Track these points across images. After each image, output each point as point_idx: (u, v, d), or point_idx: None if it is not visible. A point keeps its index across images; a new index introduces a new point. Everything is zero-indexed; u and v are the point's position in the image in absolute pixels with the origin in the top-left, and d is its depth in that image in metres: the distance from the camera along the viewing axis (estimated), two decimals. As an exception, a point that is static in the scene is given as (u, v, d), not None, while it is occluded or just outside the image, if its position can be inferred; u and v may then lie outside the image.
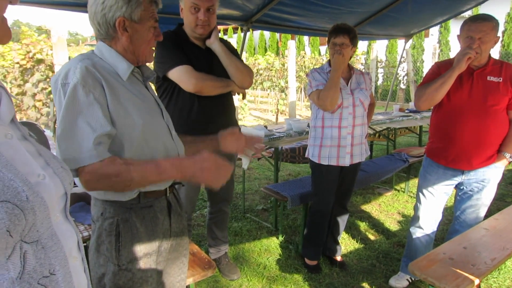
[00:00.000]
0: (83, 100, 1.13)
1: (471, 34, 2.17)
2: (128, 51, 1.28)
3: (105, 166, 1.12)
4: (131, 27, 1.24)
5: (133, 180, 1.14)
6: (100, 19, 1.22)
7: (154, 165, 1.17)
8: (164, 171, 1.17)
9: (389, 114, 5.52)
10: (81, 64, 1.16)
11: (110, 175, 1.12)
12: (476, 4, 4.85)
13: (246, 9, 3.78)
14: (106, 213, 1.27)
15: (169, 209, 1.40)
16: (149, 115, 1.29)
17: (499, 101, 2.22)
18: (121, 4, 1.20)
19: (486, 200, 2.44)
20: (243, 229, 3.62)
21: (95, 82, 1.16)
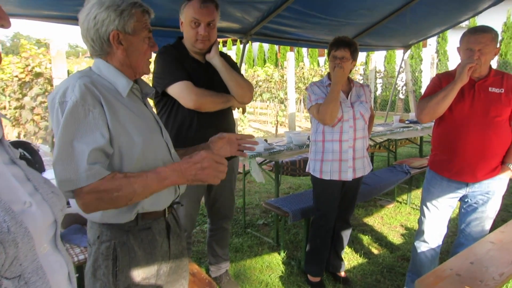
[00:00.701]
0: (81, 119, 1.09)
1: (471, 46, 2.15)
2: (125, 65, 1.25)
3: (106, 182, 1.08)
4: (126, 40, 1.21)
5: (135, 192, 1.11)
6: (93, 35, 1.19)
7: (155, 173, 1.14)
8: (165, 177, 1.14)
9: (389, 125, 5.49)
10: (80, 81, 1.13)
11: (111, 190, 1.08)
12: (473, 15, 4.87)
13: (245, 22, 3.78)
14: (103, 236, 1.23)
15: (168, 230, 1.35)
16: (148, 134, 1.26)
17: (502, 112, 2.20)
18: (113, 17, 1.17)
19: (491, 212, 2.39)
20: (244, 245, 3.56)
21: (94, 101, 1.12)
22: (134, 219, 1.24)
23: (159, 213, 1.31)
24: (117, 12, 1.17)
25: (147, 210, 1.25)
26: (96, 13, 1.17)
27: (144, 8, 1.24)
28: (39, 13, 2.98)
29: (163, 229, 1.34)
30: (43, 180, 0.78)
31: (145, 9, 1.25)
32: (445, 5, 4.28)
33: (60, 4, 2.81)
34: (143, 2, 1.25)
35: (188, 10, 2.09)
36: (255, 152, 3.45)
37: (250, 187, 5.50)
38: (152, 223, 1.29)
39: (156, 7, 3.17)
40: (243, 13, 3.53)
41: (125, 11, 1.19)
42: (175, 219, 1.43)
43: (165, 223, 1.35)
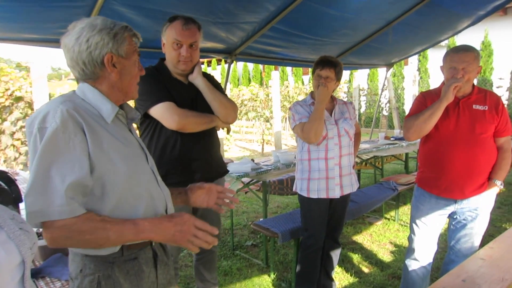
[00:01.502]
0: (61, 147, 1.04)
1: (455, 64, 2.19)
2: (116, 88, 1.22)
3: (81, 223, 1.03)
4: (119, 63, 1.20)
5: (109, 238, 1.08)
6: (86, 57, 1.15)
7: (133, 224, 1.11)
8: (142, 230, 1.12)
9: (375, 142, 5.53)
10: (62, 107, 1.08)
11: (84, 232, 1.05)
12: (453, 34, 5.02)
13: (230, 42, 3.80)
14: (86, 269, 1.16)
15: (155, 259, 1.29)
16: (133, 161, 1.21)
17: (487, 129, 2.23)
18: (107, 40, 1.16)
19: (480, 228, 2.39)
20: (233, 268, 3.48)
21: (76, 128, 1.08)
22: (119, 250, 1.17)
23: (146, 242, 1.25)
24: (110, 35, 1.17)
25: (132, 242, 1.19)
26: (89, 36, 1.14)
27: (133, 32, 1.25)
28: (19, 37, 2.95)
29: (150, 258, 1.27)
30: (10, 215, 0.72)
31: (134, 33, 1.25)
32: (425, 25, 4.40)
33: (41, 27, 2.78)
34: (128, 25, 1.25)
35: (170, 32, 2.07)
36: (242, 173, 3.41)
37: (237, 207, 5.42)
38: (138, 252, 1.23)
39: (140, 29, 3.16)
40: (227, 33, 3.54)
41: (118, 34, 1.18)
42: (162, 246, 1.37)
43: (152, 251, 1.29)
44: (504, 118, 2.26)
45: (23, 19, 2.66)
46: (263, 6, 3.18)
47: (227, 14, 3.14)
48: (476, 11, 4.20)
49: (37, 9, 2.54)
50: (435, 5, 3.87)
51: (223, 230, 4.40)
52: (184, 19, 2.07)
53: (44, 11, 2.56)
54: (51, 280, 1.58)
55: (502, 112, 2.25)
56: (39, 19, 2.68)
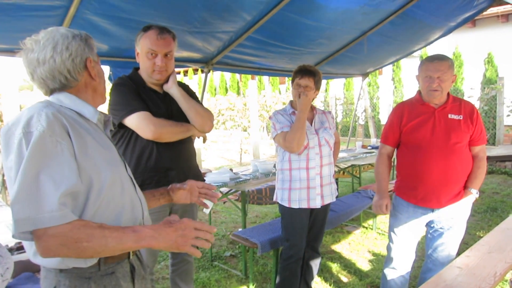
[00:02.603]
0: (49, 151, 0.99)
1: (430, 74, 2.22)
2: (98, 92, 1.26)
3: (76, 229, 0.97)
4: (95, 67, 1.23)
5: (107, 246, 1.02)
6: (70, 65, 1.14)
7: (133, 231, 1.06)
8: (143, 237, 1.06)
9: (352, 151, 5.58)
10: (46, 110, 1.04)
11: (81, 239, 0.98)
12: (425, 45, 5.15)
13: (207, 51, 3.77)
14: (61, 286, 1.10)
15: (132, 273, 1.25)
16: (116, 167, 1.18)
17: (462, 138, 2.26)
18: (83, 46, 1.18)
19: (457, 236, 2.42)
20: (211, 279, 3.42)
21: (62, 131, 1.04)
22: (95, 264, 1.13)
23: (123, 255, 1.20)
24: (83, 41, 1.19)
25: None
26: (67, 44, 1.14)
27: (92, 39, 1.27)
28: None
29: (128, 272, 1.23)
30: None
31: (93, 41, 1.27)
32: (399, 35, 4.49)
33: (10, 37, 2.69)
34: None
35: (144, 41, 2.04)
36: (220, 183, 3.37)
37: (215, 217, 5.36)
38: (116, 267, 1.18)
39: (113, 38, 3.12)
40: (204, 42, 3.52)
41: (88, 40, 1.21)
42: (139, 259, 1.33)
43: (130, 265, 1.24)
44: (479, 127, 2.29)
45: (-10, 29, 2.57)
46: (239, 16, 3.18)
47: (203, 23, 3.12)
48: (447, 23, 4.32)
49: (5, 19, 2.45)
50: (408, 16, 3.96)
51: (201, 242, 4.33)
52: (158, 29, 2.05)
53: (13, 21, 2.48)
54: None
55: (477, 121, 2.29)
56: (8, 29, 2.59)
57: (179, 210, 2.32)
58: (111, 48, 3.09)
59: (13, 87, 4.81)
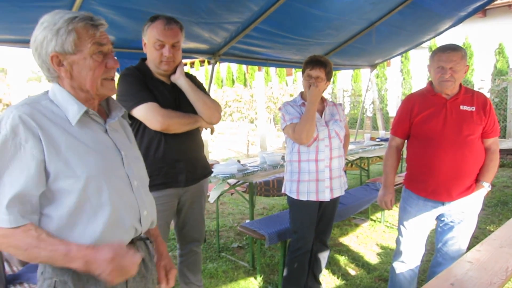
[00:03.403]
0: (9, 155, 1.00)
1: (442, 64, 2.17)
2: (76, 88, 1.14)
3: (17, 235, 1.00)
4: (67, 61, 1.10)
5: (38, 258, 1.04)
6: (38, 59, 1.09)
7: (65, 250, 1.03)
8: (72, 259, 1.04)
9: (360, 143, 5.54)
10: (15, 112, 1.02)
11: (19, 246, 1.01)
12: (434, 35, 5.07)
13: (214, 42, 3.74)
14: (46, 272, 1.12)
15: None
16: (97, 167, 1.12)
17: (474, 130, 2.21)
18: (50, 37, 1.07)
19: (468, 230, 2.38)
20: (219, 270, 3.42)
21: (28, 134, 1.02)
22: None
23: None
24: (53, 31, 1.07)
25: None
26: (36, 35, 1.08)
27: (87, 21, 1.10)
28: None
29: None
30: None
31: (89, 23, 1.10)
32: (408, 26, 4.42)
33: (17, 28, 2.69)
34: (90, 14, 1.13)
35: (151, 32, 2.02)
36: (228, 174, 3.36)
37: (223, 208, 5.37)
38: None
39: (120, 29, 3.11)
40: (210, 33, 3.49)
41: (62, 29, 1.07)
42: (143, 259, 1.29)
43: None
44: (491, 119, 2.24)
45: (-2, 20, 2.57)
46: (246, 6, 3.14)
47: (209, 14, 3.09)
48: (457, 12, 4.25)
49: (12, 9, 2.45)
50: (417, 6, 3.89)
51: (208, 232, 4.34)
52: (166, 19, 2.03)
53: (19, 12, 2.47)
54: (30, 286, 1.53)
55: (489, 113, 2.23)
56: (14, 20, 2.59)
57: (188, 201, 2.32)
58: (118, 39, 3.08)
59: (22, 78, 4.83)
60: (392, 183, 2.51)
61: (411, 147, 2.41)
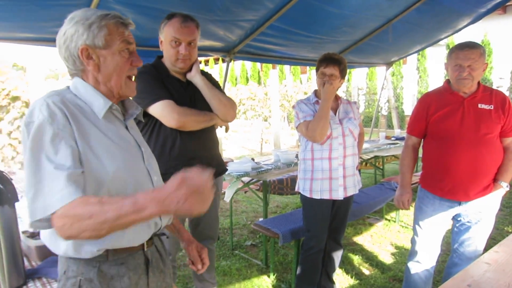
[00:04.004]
0: (50, 139, 0.99)
1: (460, 62, 2.13)
2: (101, 83, 1.16)
3: (77, 207, 0.94)
4: (97, 54, 1.12)
5: (106, 221, 0.93)
6: (65, 52, 1.11)
7: (131, 202, 0.93)
8: (143, 208, 0.92)
9: (375, 142, 5.49)
10: (48, 100, 1.04)
11: (82, 217, 0.94)
12: (452, 32, 4.98)
13: (228, 40, 3.75)
14: (69, 271, 1.11)
15: (146, 266, 1.22)
16: (124, 161, 1.14)
17: (493, 129, 2.16)
18: (82, 31, 1.09)
19: (485, 231, 2.34)
20: (232, 268, 3.44)
21: (64, 120, 1.03)
22: (103, 254, 1.12)
23: (135, 247, 1.18)
24: (85, 26, 1.10)
25: (117, 247, 1.13)
26: (66, 29, 1.10)
27: (119, 20, 1.15)
28: (14, 36, 2.91)
29: (140, 264, 1.20)
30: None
31: (119, 21, 1.15)
32: (425, 23, 4.36)
33: (36, 26, 2.74)
34: (119, 14, 1.17)
35: (168, 29, 2.04)
36: (242, 172, 3.37)
37: (236, 206, 5.38)
38: (127, 258, 1.16)
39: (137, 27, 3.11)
40: (225, 31, 3.50)
41: (94, 24, 1.10)
42: (159, 253, 1.30)
43: (144, 257, 1.22)
44: (511, 117, 2.19)
45: (18, 18, 2.62)
46: (262, 4, 3.13)
47: (225, 12, 3.09)
48: (476, 9, 4.16)
49: (32, 8, 2.50)
50: (436, 3, 3.83)
51: (222, 230, 4.36)
52: (182, 17, 2.04)
53: (39, 10, 2.52)
54: (48, 281, 1.55)
55: (508, 111, 2.18)
56: (34, 18, 2.64)
57: None
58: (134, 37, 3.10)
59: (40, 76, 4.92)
60: (409, 183, 2.48)
61: (427, 146, 2.38)
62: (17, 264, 1.47)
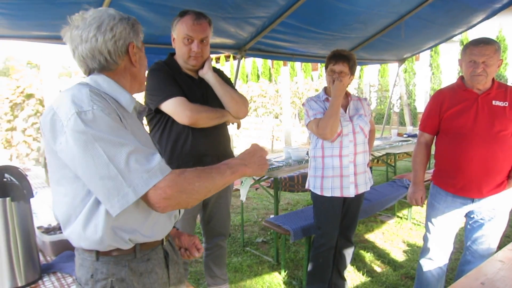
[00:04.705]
0: (116, 125, 1.01)
1: (474, 58, 2.11)
2: (137, 79, 1.24)
3: (182, 174, 1.03)
4: (137, 53, 1.21)
5: (214, 179, 1.08)
6: (111, 47, 1.12)
7: (227, 165, 1.14)
8: (236, 169, 1.15)
9: (387, 139, 5.45)
10: (90, 90, 1.04)
11: (193, 180, 1.03)
12: (467, 28, 4.90)
13: (240, 37, 3.75)
14: (98, 274, 1.11)
15: (166, 259, 1.26)
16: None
17: (507, 126, 2.14)
18: (128, 29, 1.16)
19: (498, 229, 2.31)
20: (243, 265, 3.45)
21: (112, 109, 1.05)
22: (132, 251, 1.14)
23: (157, 242, 1.22)
24: (129, 25, 1.17)
25: (145, 240, 1.16)
26: (112, 25, 1.12)
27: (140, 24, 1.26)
28: (28, 34, 2.95)
29: (162, 258, 1.24)
30: None
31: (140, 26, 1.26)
32: (439, 19, 4.29)
33: (50, 24, 2.77)
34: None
35: (180, 27, 2.05)
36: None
37: (247, 203, 5.40)
38: (151, 253, 1.20)
39: (148, 24, 3.15)
40: (237, 28, 3.50)
41: (135, 25, 1.20)
42: (172, 245, 1.34)
43: (163, 251, 1.26)
44: None
45: (32, 17, 2.65)
46: (273, 1, 3.12)
47: (236, 9, 3.09)
48: (491, 4, 4.09)
49: (45, 7, 2.53)
50: (449, -2, 3.78)
51: (233, 227, 4.38)
52: (195, 14, 2.05)
53: (52, 8, 2.55)
54: (62, 276, 1.57)
55: None
56: (47, 17, 2.67)
57: (214, 196, 2.33)
58: (146, 35, 3.09)
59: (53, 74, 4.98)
60: (422, 180, 2.46)
61: (440, 142, 2.36)
62: (32, 259, 1.50)
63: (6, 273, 1.43)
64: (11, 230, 1.43)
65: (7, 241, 1.43)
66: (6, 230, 1.42)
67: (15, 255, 1.44)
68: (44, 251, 1.78)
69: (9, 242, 1.43)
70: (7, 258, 1.43)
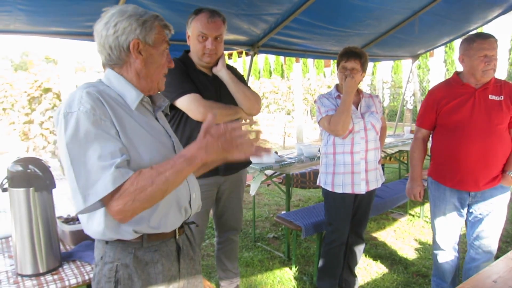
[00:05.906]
0: (95, 128, 1.04)
1: (486, 52, 2.11)
2: (142, 76, 1.21)
3: (135, 180, 1.02)
4: (146, 50, 1.19)
5: (168, 180, 1.05)
6: (112, 42, 1.15)
7: (181, 157, 1.07)
8: (194, 157, 1.07)
9: (400, 136, 5.42)
10: (88, 90, 1.09)
11: (144, 186, 1.02)
12: (482, 24, 4.84)
13: (253, 34, 3.77)
14: (106, 257, 1.17)
15: (178, 253, 1.28)
16: (157, 151, 1.19)
17: (503, 120, 2.19)
18: (135, 26, 1.16)
19: (498, 223, 2.35)
20: (255, 259, 3.49)
21: (104, 111, 1.08)
22: (139, 240, 1.17)
23: (168, 234, 1.24)
24: (139, 22, 1.16)
25: (152, 232, 1.18)
26: (117, 21, 1.15)
27: (164, 22, 1.24)
28: (47, 30, 3.00)
29: (172, 251, 1.26)
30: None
31: (166, 24, 1.24)
32: (454, 14, 4.24)
33: (68, 20, 2.82)
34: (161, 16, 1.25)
35: (195, 24, 2.08)
36: (266, 165, 3.40)
37: (259, 199, 5.43)
38: (160, 245, 1.22)
39: (164, 21, 3.16)
40: (250, 25, 3.52)
41: (148, 22, 1.18)
42: (189, 241, 1.36)
43: (176, 245, 1.28)
44: None
45: (51, 13, 2.70)
46: (287, -3, 3.14)
47: (250, 6, 3.11)
48: (507, -1, 4.03)
49: (64, 3, 2.58)
50: (465, -7, 3.74)
51: (244, 222, 4.42)
52: (209, 12, 2.08)
53: (71, 5, 2.60)
54: (82, 264, 1.62)
55: None
56: (66, 13, 2.72)
57: (227, 190, 2.38)
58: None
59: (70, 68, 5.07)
60: (420, 175, 2.52)
61: (437, 137, 2.41)
62: (53, 247, 1.55)
63: (29, 259, 1.49)
64: (34, 219, 1.49)
65: (30, 229, 1.48)
66: (29, 219, 1.48)
67: (37, 243, 1.50)
68: (64, 240, 1.84)
69: (32, 230, 1.49)
70: (30, 245, 1.49)
